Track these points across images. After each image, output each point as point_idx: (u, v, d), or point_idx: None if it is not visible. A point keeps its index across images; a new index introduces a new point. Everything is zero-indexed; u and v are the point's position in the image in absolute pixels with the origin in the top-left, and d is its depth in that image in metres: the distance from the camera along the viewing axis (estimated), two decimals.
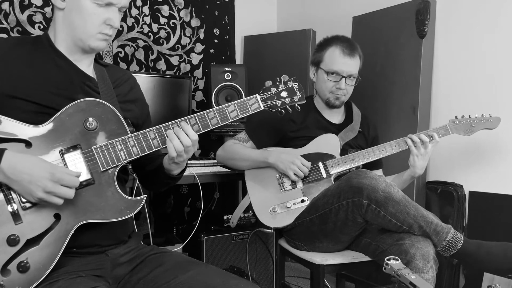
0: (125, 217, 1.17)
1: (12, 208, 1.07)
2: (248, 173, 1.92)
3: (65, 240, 1.10)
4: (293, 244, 1.86)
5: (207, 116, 1.22)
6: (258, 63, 3.08)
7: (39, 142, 1.11)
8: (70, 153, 1.13)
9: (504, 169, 2.06)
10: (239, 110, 1.24)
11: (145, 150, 1.19)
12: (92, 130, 1.16)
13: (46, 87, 1.18)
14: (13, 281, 1.04)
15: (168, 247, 2.21)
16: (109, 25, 1.21)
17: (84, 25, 1.19)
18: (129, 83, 1.41)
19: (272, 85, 1.29)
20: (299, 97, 1.30)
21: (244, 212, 2.04)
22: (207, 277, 1.15)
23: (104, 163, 1.15)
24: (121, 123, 1.19)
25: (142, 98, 1.45)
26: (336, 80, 1.91)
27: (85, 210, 1.13)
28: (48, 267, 1.08)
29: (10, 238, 1.05)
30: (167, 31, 2.95)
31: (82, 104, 1.16)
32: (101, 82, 1.29)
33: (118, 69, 1.45)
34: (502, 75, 2.07)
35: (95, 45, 1.22)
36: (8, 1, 2.43)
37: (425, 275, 1.48)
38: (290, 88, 1.30)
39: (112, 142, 1.16)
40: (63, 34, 1.22)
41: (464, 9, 2.22)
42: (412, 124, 2.26)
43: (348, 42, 1.93)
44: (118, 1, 1.20)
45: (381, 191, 1.56)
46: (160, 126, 1.20)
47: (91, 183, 1.14)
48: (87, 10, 1.18)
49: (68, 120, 1.15)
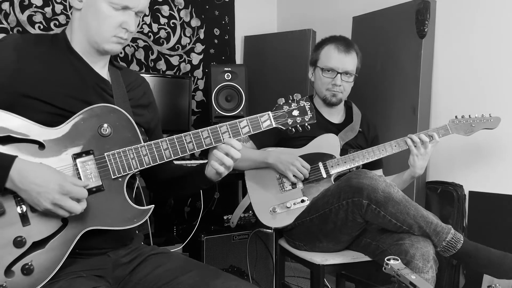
0: (131, 226, 1.16)
1: (21, 209, 1.06)
2: (248, 173, 1.92)
3: (70, 245, 1.10)
4: (293, 244, 1.86)
5: (220, 130, 1.22)
6: (258, 63, 3.08)
7: (52, 145, 1.11)
8: (82, 158, 1.13)
9: (504, 169, 2.06)
10: (251, 126, 1.25)
11: (156, 160, 1.18)
12: (106, 136, 1.16)
13: (61, 88, 1.17)
14: (16, 283, 1.04)
15: (168, 247, 2.21)
16: (125, 29, 1.20)
17: (99, 27, 1.18)
18: (142, 87, 1.40)
19: (285, 103, 1.30)
20: (310, 116, 1.32)
21: (244, 212, 2.04)
22: (207, 278, 1.15)
23: (116, 170, 1.15)
24: (135, 131, 1.19)
25: (154, 104, 1.44)
26: (332, 77, 1.92)
27: (93, 216, 1.12)
28: (52, 271, 1.08)
29: (17, 239, 1.05)
30: (167, 31, 2.95)
31: (98, 109, 1.16)
32: (115, 85, 1.28)
33: (131, 72, 1.44)
34: (502, 75, 2.07)
35: (109, 48, 1.22)
36: (8, 1, 2.43)
37: (425, 275, 1.48)
38: (302, 107, 1.31)
39: (125, 150, 1.16)
40: (79, 34, 1.22)
41: (464, 9, 2.22)
42: (412, 124, 2.26)
43: (343, 40, 1.95)
44: (135, 5, 1.19)
45: (381, 191, 1.56)
46: (173, 137, 1.20)
47: (101, 190, 1.14)
48: (103, 12, 1.17)
49: (82, 124, 1.14)
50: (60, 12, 2.58)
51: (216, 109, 2.54)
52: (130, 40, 1.26)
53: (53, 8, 2.56)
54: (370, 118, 2.11)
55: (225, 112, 2.54)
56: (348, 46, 1.93)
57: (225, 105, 2.57)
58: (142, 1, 1.21)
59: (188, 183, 1.37)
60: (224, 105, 2.56)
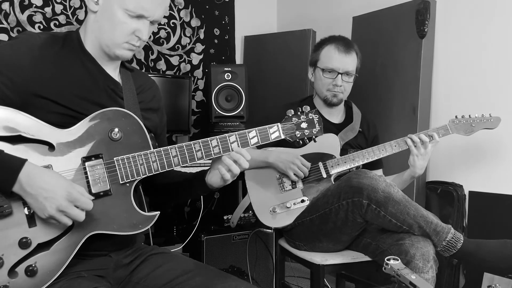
0: (136, 231, 1.16)
1: (29, 211, 1.06)
2: (248, 173, 1.92)
3: (75, 248, 1.10)
4: (293, 244, 1.87)
5: (229, 140, 1.23)
6: (258, 63, 3.08)
7: (62, 147, 1.11)
8: (91, 161, 1.12)
9: (504, 169, 2.06)
10: (260, 137, 1.26)
11: (165, 167, 1.18)
12: (116, 140, 1.15)
13: (72, 89, 1.17)
14: (19, 284, 1.04)
15: (168, 247, 2.21)
16: (137, 37, 1.20)
17: (112, 32, 1.18)
18: (152, 90, 1.40)
19: (294, 115, 1.31)
20: (318, 129, 1.32)
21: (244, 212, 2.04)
22: (207, 278, 1.15)
23: (124, 176, 1.15)
24: (145, 137, 1.19)
25: (162, 108, 1.43)
26: (333, 77, 1.92)
27: (99, 220, 1.12)
28: (55, 273, 1.07)
29: (22, 240, 1.05)
30: (167, 31, 2.95)
31: (110, 113, 1.16)
32: (126, 87, 1.27)
33: (142, 74, 1.44)
34: (502, 75, 2.07)
35: (120, 53, 1.21)
36: (8, 1, 2.43)
37: (425, 275, 1.48)
38: (311, 120, 1.32)
39: (134, 155, 1.16)
40: (92, 36, 1.21)
41: (464, 9, 2.22)
42: (412, 124, 2.26)
43: (343, 40, 1.95)
44: (150, 15, 1.18)
45: (381, 191, 1.56)
46: (182, 145, 1.20)
47: (108, 194, 1.13)
48: (118, 18, 1.16)
49: (93, 127, 1.14)
50: (60, 12, 2.58)
51: (216, 109, 2.54)
52: (142, 47, 1.26)
53: (53, 8, 2.56)
54: (370, 117, 2.11)
55: (225, 112, 2.54)
56: (348, 46, 1.93)
57: (225, 105, 2.57)
58: (158, 11, 1.20)
59: (187, 189, 1.36)
60: (224, 105, 2.56)
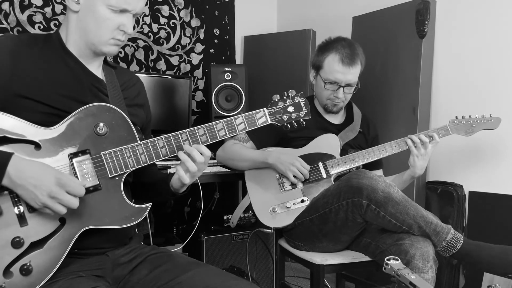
0: (129, 224, 1.17)
1: (19, 210, 1.06)
2: (248, 173, 1.92)
3: (68, 245, 1.10)
4: (293, 244, 1.86)
5: (215, 128, 1.22)
6: (258, 63, 3.08)
7: (48, 145, 1.11)
8: (78, 158, 1.13)
9: (504, 169, 2.06)
10: (247, 123, 1.25)
11: (153, 158, 1.18)
12: (102, 135, 1.16)
13: (56, 88, 1.17)
14: (15, 284, 1.04)
15: (168, 247, 2.21)
16: (122, 31, 1.20)
17: (98, 30, 1.18)
18: (136, 87, 1.40)
19: (280, 100, 1.31)
20: (305, 112, 1.32)
21: (244, 212, 2.04)
22: (207, 278, 1.15)
23: (112, 169, 1.15)
24: (131, 130, 1.19)
25: (147, 104, 1.45)
26: (334, 89, 1.91)
27: (91, 215, 1.12)
28: (51, 270, 1.08)
29: (15, 240, 1.05)
30: (167, 31, 2.95)
31: (93, 108, 1.16)
32: (110, 84, 1.28)
33: (126, 71, 1.45)
34: (502, 75, 2.07)
35: (107, 50, 1.22)
36: (8, 1, 2.43)
37: (424, 275, 1.48)
38: (297, 103, 1.31)
39: (121, 148, 1.16)
40: (75, 36, 1.22)
41: (464, 9, 2.22)
42: (412, 124, 2.26)
43: (349, 48, 1.88)
44: (133, 8, 1.19)
45: (380, 191, 1.56)
46: (169, 135, 1.20)
47: (98, 189, 1.14)
48: (102, 15, 1.17)
49: (78, 124, 1.14)
50: (60, 12, 2.58)
51: (216, 109, 2.54)
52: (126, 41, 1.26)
53: (53, 8, 2.56)
54: (370, 118, 2.11)
55: (225, 112, 2.54)
56: (353, 57, 1.87)
57: (225, 105, 2.57)
58: (140, 4, 1.21)
59: (156, 191, 1.36)
60: (224, 105, 2.57)
